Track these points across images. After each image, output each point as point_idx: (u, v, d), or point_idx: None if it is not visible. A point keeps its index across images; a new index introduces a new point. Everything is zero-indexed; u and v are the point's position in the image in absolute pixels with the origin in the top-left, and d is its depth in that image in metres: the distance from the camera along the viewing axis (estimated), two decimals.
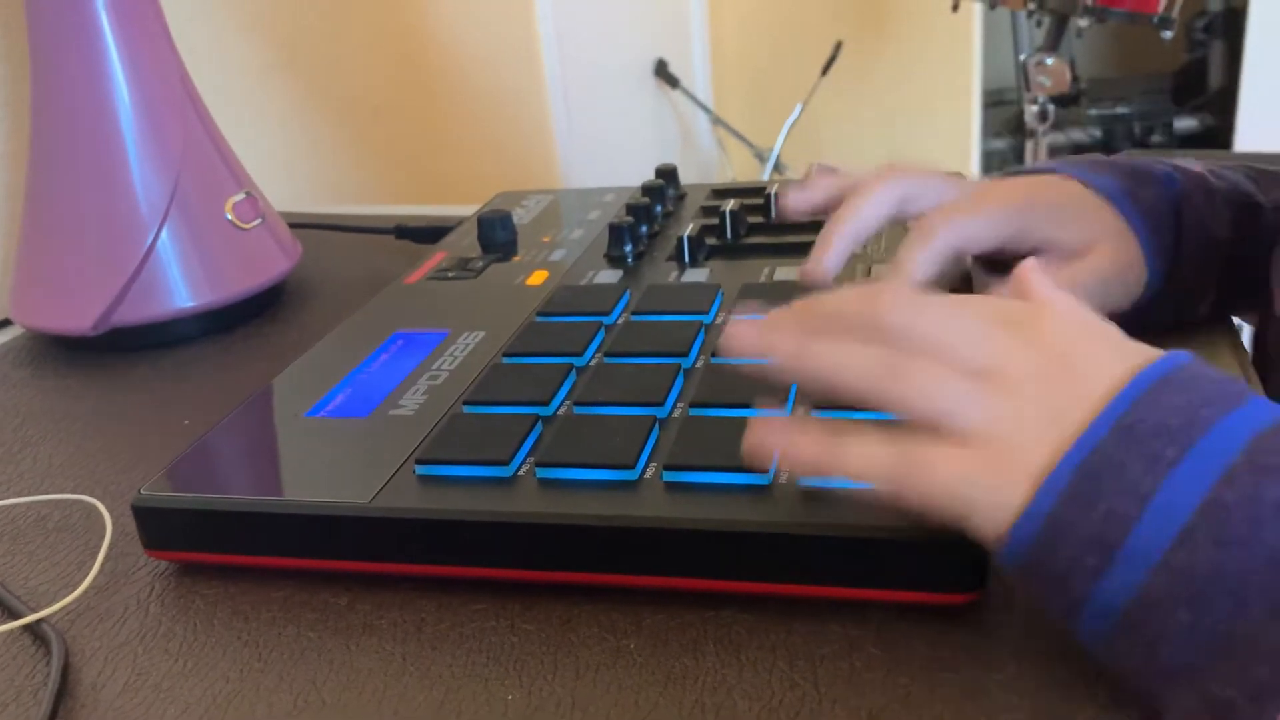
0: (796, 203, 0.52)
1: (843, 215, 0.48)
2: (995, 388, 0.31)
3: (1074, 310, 0.33)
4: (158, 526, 0.42)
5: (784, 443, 0.33)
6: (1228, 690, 0.27)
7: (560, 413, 0.43)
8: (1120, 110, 2.48)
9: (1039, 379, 0.31)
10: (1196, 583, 0.27)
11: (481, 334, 0.52)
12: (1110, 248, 0.48)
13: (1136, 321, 0.46)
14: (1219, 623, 0.27)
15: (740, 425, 0.39)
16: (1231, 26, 2.31)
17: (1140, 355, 0.31)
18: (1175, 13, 2.00)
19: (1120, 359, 0.31)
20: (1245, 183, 0.52)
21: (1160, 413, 0.29)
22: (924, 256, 0.45)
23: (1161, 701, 0.29)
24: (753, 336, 0.34)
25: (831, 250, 0.48)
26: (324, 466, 0.42)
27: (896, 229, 0.55)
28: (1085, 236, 0.48)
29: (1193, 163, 0.53)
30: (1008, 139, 2.45)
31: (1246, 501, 0.27)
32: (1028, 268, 0.36)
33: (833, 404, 0.34)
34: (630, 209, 0.63)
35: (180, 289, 0.65)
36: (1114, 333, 0.33)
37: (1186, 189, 0.50)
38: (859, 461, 0.32)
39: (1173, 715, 0.28)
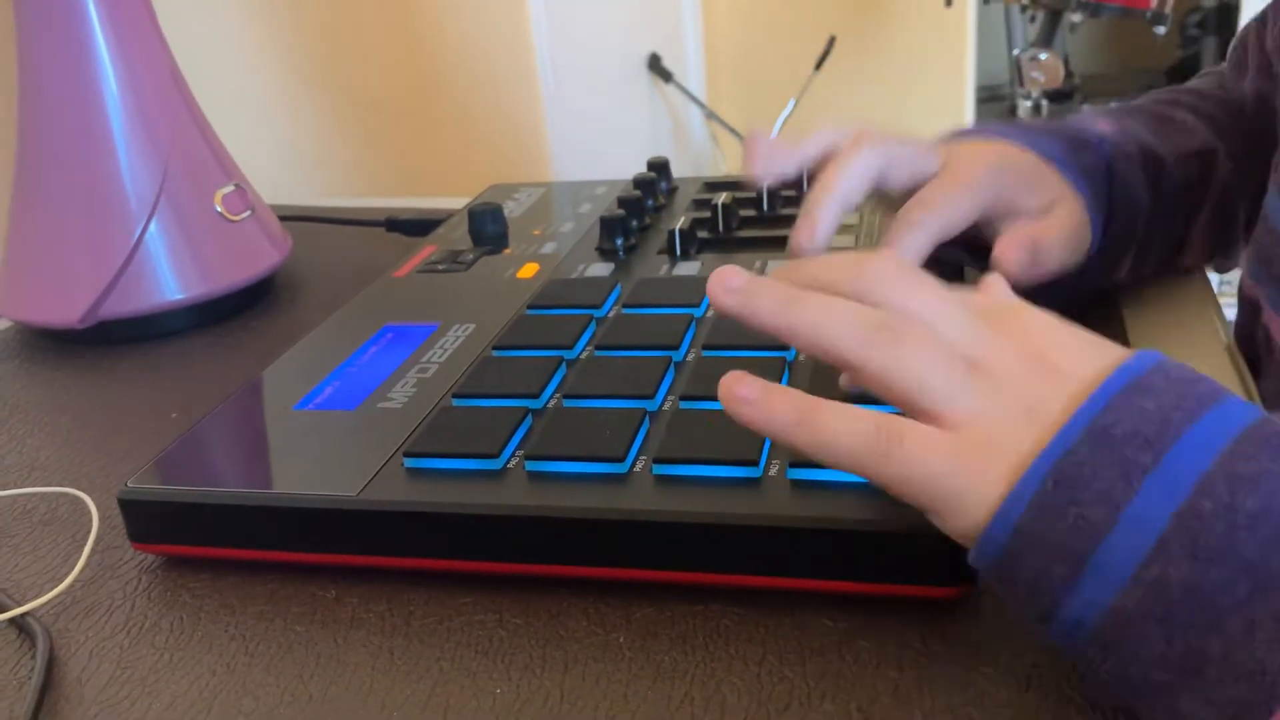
0: (767, 171, 0.51)
1: (826, 185, 0.47)
2: (981, 377, 0.30)
3: (1045, 313, 0.33)
4: (144, 519, 0.41)
5: (758, 397, 0.32)
6: (1203, 710, 0.26)
7: (550, 405, 0.43)
8: (1113, 105, 2.48)
9: (1020, 375, 0.30)
10: (1171, 598, 0.26)
11: (472, 327, 0.52)
12: (1065, 210, 0.50)
13: (1070, 287, 0.49)
14: (1194, 640, 0.26)
15: (731, 419, 0.39)
16: (1224, 22, 2.31)
17: (1114, 354, 0.30)
18: (1168, 8, 2.00)
19: (1096, 356, 0.30)
20: (1146, 135, 0.55)
21: (1134, 416, 0.28)
22: (912, 247, 0.46)
23: (1136, 716, 0.28)
24: (738, 282, 0.33)
25: (819, 222, 0.47)
26: (312, 459, 0.42)
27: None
28: (1045, 200, 0.49)
29: (1103, 121, 0.55)
30: None
31: (1223, 511, 0.26)
32: (992, 282, 0.36)
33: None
34: (622, 202, 0.63)
35: (169, 281, 0.65)
36: (1087, 334, 0.32)
37: (1113, 153, 0.52)
38: (834, 427, 0.31)
39: None
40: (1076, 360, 0.30)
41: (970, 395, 0.30)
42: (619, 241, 0.60)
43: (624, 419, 0.40)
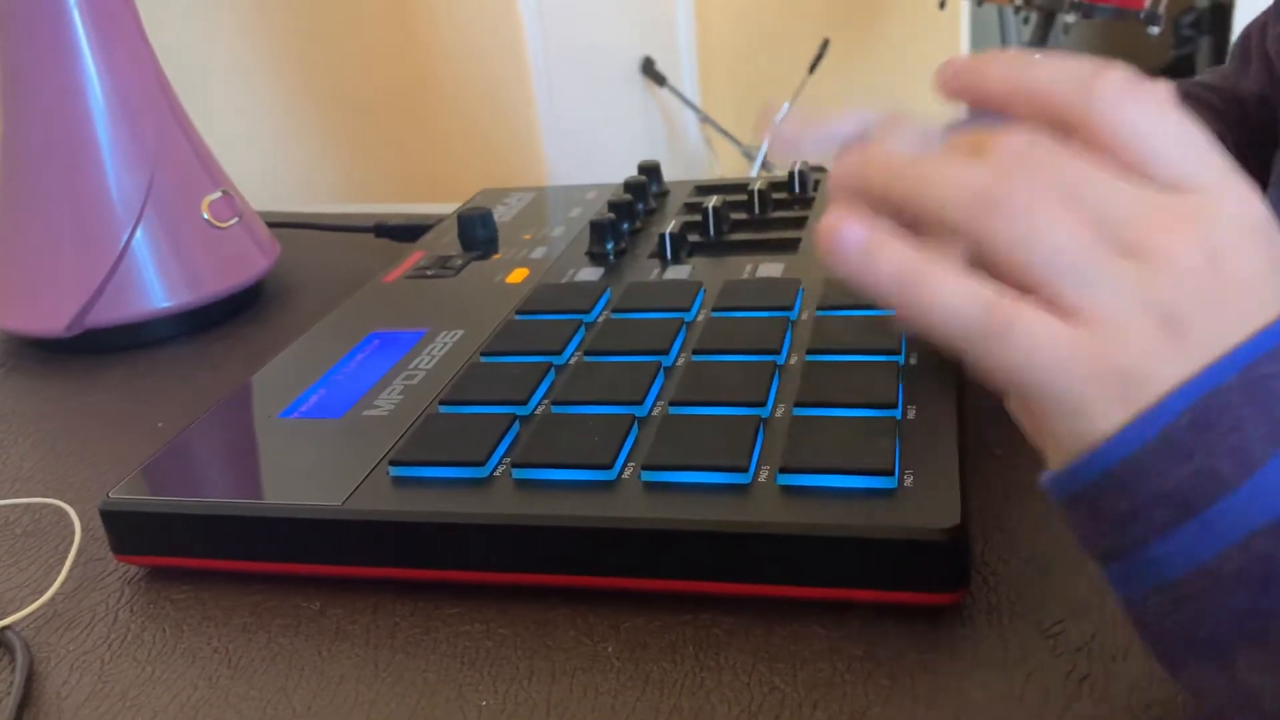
0: (795, 153, 0.47)
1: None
2: (1135, 267, 0.25)
3: (1253, 207, 0.26)
4: (126, 530, 0.41)
5: (864, 244, 0.27)
6: (1257, 675, 0.24)
7: (538, 412, 0.43)
8: None
9: (1184, 280, 0.25)
10: (1273, 572, 0.24)
11: (460, 333, 0.51)
12: None
13: None
14: (1275, 607, 0.24)
15: (720, 424, 0.39)
16: (1218, 22, 2.31)
17: None
18: (1162, 8, 2.00)
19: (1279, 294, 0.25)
20: None
21: None
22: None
23: (1178, 670, 0.26)
24: (861, 157, 0.29)
25: (815, 129, 0.39)
26: (297, 468, 0.41)
27: None
28: None
29: None
30: None
31: None
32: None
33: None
34: (612, 206, 0.62)
35: (155, 289, 0.64)
36: None
37: None
38: (940, 297, 0.26)
39: (1187, 685, 0.26)
40: (1257, 284, 0.25)
41: (1115, 286, 0.25)
42: (609, 246, 0.60)
43: (612, 425, 0.39)
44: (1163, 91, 0.27)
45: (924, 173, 0.27)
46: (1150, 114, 0.26)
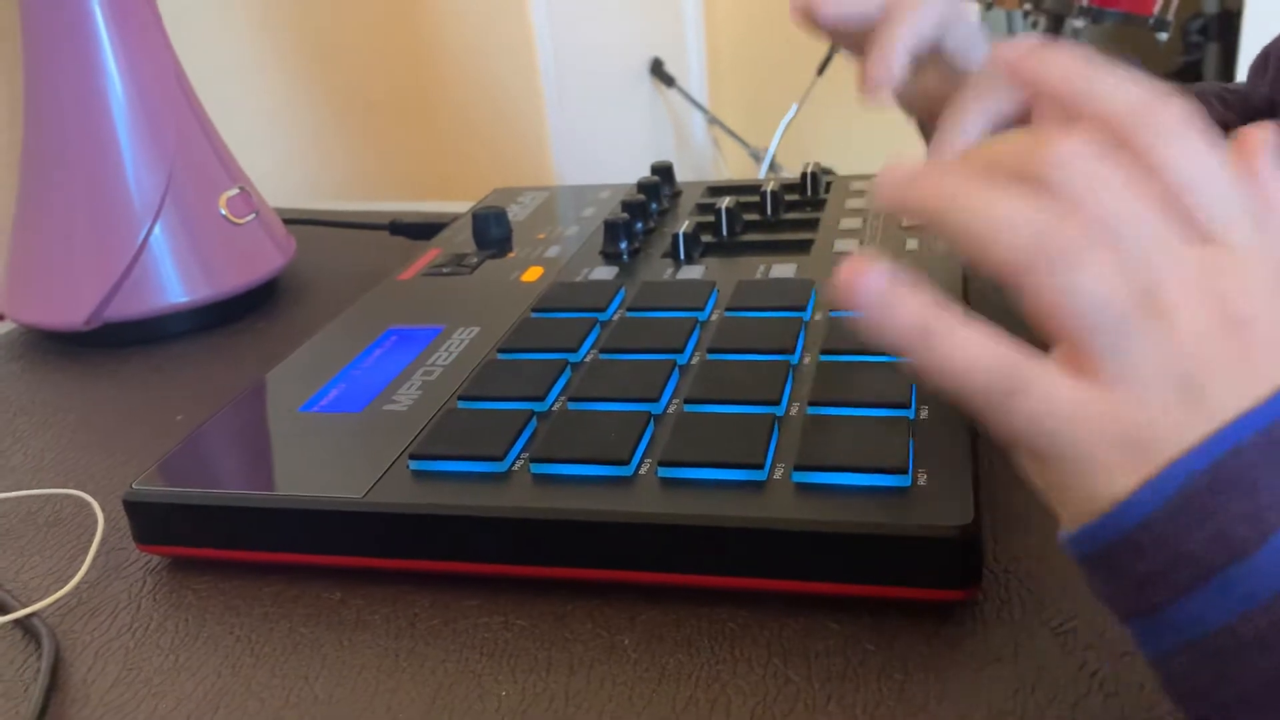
0: (829, 14, 0.45)
1: (898, 19, 0.43)
2: (1161, 328, 0.25)
3: None
4: (149, 521, 0.41)
5: (883, 292, 0.26)
6: None
7: (555, 408, 0.43)
8: None
9: (1204, 342, 0.25)
10: None
11: (476, 330, 0.52)
12: None
13: None
14: None
15: (736, 422, 0.39)
16: (1227, 28, 2.31)
17: None
18: (1170, 14, 2.01)
19: None
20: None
21: None
22: (972, 130, 0.38)
23: None
24: (905, 177, 0.27)
25: (893, 55, 0.42)
26: (317, 461, 0.42)
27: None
28: None
29: None
30: None
31: None
32: (1258, 145, 0.28)
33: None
34: (626, 206, 0.63)
35: (173, 284, 0.65)
36: None
37: None
38: (960, 352, 0.26)
39: None
40: (1278, 344, 0.25)
41: (1136, 348, 0.25)
42: (623, 245, 0.60)
43: (628, 422, 0.40)
44: (1216, 137, 0.27)
45: (979, 207, 0.26)
46: (1202, 158, 0.26)
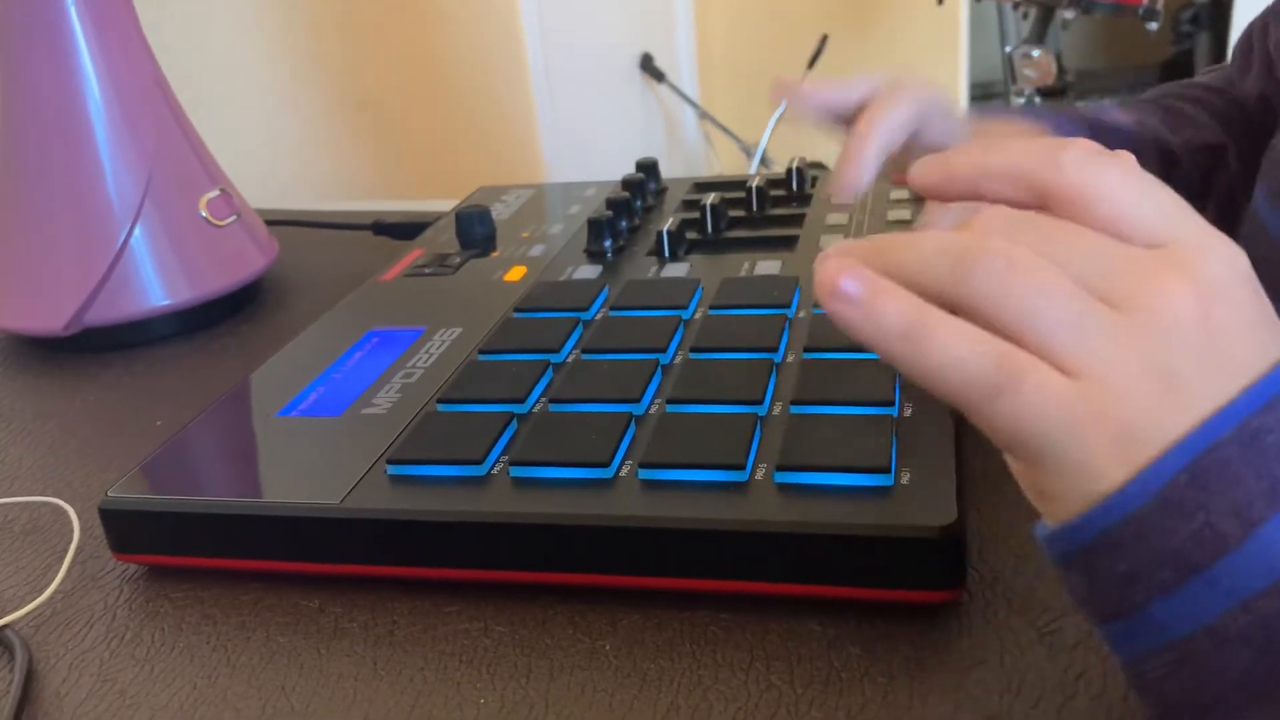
0: (811, 105, 0.50)
1: (870, 124, 0.46)
2: (1126, 320, 0.24)
3: (1235, 258, 0.26)
4: (125, 529, 0.41)
5: (865, 296, 0.26)
6: None
7: (535, 410, 0.43)
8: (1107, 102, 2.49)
9: (1178, 331, 0.24)
10: (1276, 631, 0.23)
11: (458, 331, 0.51)
12: None
13: None
14: (1278, 667, 0.23)
15: (718, 422, 0.39)
16: (1217, 18, 2.31)
17: None
18: (1160, 4, 2.00)
19: (1271, 339, 0.25)
20: (1160, 128, 0.55)
21: None
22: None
23: None
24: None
25: (863, 161, 0.45)
26: (295, 467, 0.41)
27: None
28: None
29: (1120, 112, 0.56)
30: None
31: None
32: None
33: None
34: (610, 203, 0.62)
35: (154, 288, 0.64)
36: (1272, 312, 0.26)
37: (1134, 144, 0.53)
38: (947, 352, 0.25)
39: None
40: (1247, 335, 0.25)
41: (1111, 342, 0.24)
42: (607, 243, 0.60)
43: (610, 423, 0.40)
44: (1129, 159, 0.27)
45: (906, 242, 0.26)
46: (1119, 177, 0.26)
